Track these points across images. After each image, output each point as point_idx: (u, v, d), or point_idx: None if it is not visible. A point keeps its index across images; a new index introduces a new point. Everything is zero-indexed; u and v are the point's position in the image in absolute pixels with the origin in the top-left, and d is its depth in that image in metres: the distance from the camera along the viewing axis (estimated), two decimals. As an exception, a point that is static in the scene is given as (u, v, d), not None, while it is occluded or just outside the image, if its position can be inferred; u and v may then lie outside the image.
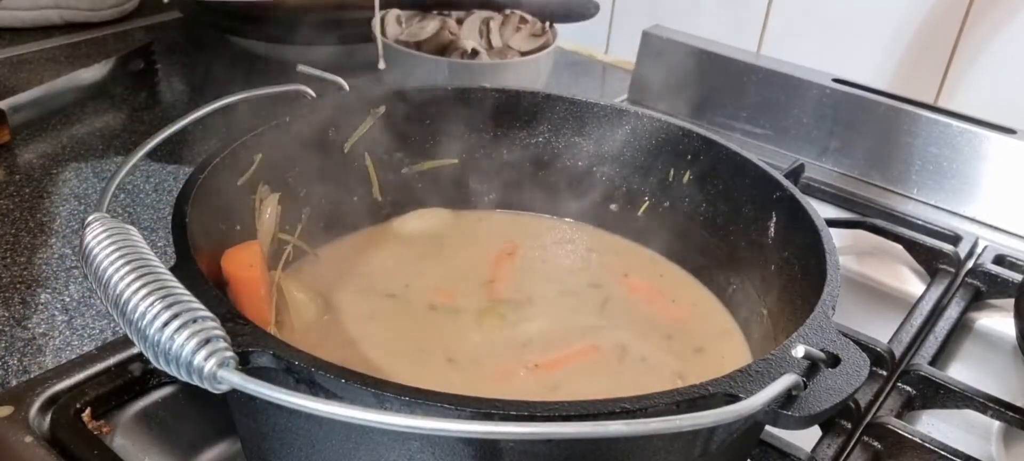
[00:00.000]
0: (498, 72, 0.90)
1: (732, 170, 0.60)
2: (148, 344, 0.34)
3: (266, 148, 0.55)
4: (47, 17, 1.08)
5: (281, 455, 0.43)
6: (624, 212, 0.66)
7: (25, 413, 0.49)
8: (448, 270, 0.62)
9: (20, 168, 0.78)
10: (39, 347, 0.57)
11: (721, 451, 0.41)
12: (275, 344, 0.37)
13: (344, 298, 0.57)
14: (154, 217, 0.72)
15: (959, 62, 0.91)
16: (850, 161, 0.90)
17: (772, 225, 0.57)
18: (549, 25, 0.97)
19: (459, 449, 0.37)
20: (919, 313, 0.67)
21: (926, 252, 0.75)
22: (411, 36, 0.92)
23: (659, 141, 0.64)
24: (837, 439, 0.54)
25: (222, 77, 1.03)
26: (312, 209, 0.60)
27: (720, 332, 0.58)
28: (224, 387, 0.34)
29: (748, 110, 0.95)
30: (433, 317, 0.57)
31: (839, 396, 0.37)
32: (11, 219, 0.70)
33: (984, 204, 0.83)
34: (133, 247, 0.38)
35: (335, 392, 0.36)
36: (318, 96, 0.60)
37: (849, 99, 0.89)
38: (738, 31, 1.02)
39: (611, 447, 0.38)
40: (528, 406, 0.34)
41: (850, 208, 0.84)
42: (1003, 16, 0.87)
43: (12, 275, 0.63)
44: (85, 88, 0.91)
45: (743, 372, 0.38)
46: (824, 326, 0.41)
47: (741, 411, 0.35)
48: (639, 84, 1.03)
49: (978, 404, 0.58)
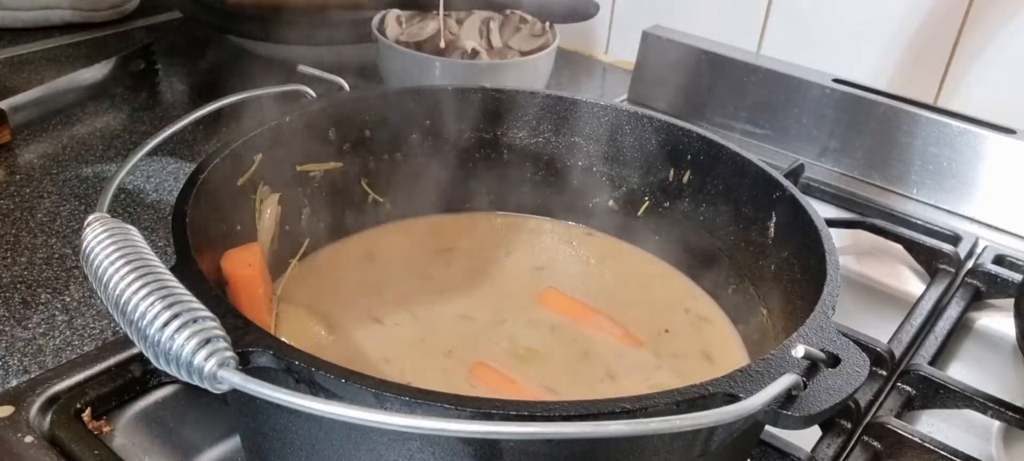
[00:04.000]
0: (498, 72, 0.90)
1: (732, 170, 0.60)
2: (148, 344, 0.34)
3: (266, 148, 0.55)
4: (47, 17, 1.08)
5: (281, 455, 0.43)
6: (624, 212, 0.66)
7: (25, 413, 0.50)
8: (453, 275, 0.62)
9: (20, 168, 0.78)
10: (39, 347, 0.57)
11: (721, 451, 0.41)
12: (275, 344, 0.37)
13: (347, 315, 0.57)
14: (154, 217, 0.72)
15: (959, 62, 0.91)
16: (850, 161, 0.90)
17: (772, 225, 0.57)
18: (549, 25, 0.97)
19: (459, 449, 0.37)
20: (919, 313, 0.67)
21: (926, 252, 0.75)
22: (411, 36, 0.92)
23: (659, 141, 0.64)
24: (837, 439, 0.54)
25: (222, 77, 1.03)
26: (311, 210, 0.61)
27: (720, 332, 0.58)
28: (224, 387, 0.34)
29: (748, 110, 0.95)
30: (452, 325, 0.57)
31: (839, 396, 0.37)
32: (11, 219, 0.70)
33: (984, 204, 0.83)
34: (133, 247, 0.38)
35: (335, 392, 0.36)
36: (318, 96, 0.60)
37: (849, 99, 0.89)
38: (738, 31, 1.02)
39: (611, 447, 0.38)
40: (528, 406, 0.34)
41: (850, 208, 0.84)
42: (1003, 16, 0.87)
43: (12, 275, 0.63)
44: (85, 88, 0.91)
45: (743, 372, 0.38)
46: (824, 326, 0.41)
47: (741, 411, 0.35)
48: (639, 84, 1.03)
49: (978, 404, 0.58)
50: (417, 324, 0.56)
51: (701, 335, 0.58)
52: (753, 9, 1.02)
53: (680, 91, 0.99)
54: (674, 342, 0.57)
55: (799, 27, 0.99)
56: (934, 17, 0.91)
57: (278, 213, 0.57)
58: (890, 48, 0.94)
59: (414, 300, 0.58)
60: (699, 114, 0.98)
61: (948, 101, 0.92)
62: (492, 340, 0.55)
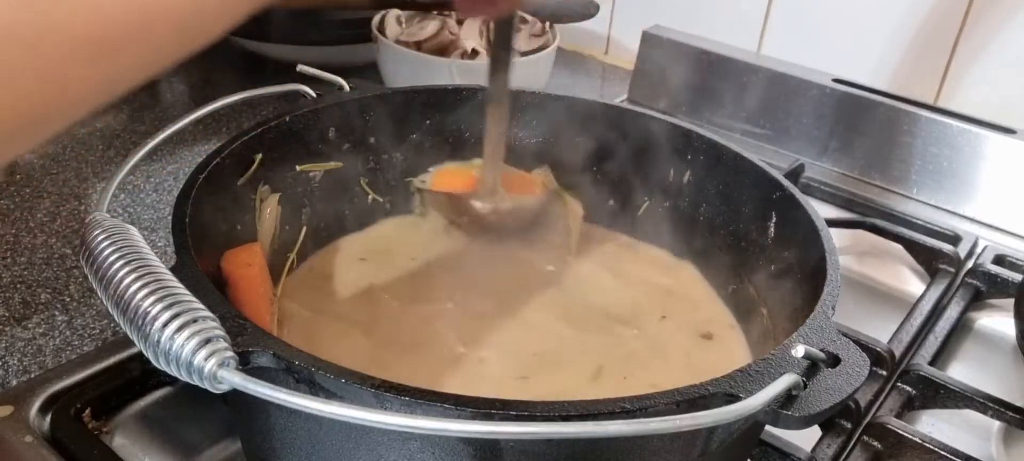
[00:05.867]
0: (498, 72, 0.90)
1: (732, 170, 0.60)
2: (148, 344, 0.34)
3: (266, 148, 0.55)
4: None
5: (281, 455, 0.43)
6: (624, 212, 0.66)
7: (25, 413, 0.49)
8: (453, 274, 0.62)
9: (20, 168, 0.78)
10: (39, 347, 0.57)
11: (721, 451, 0.41)
12: (275, 344, 0.37)
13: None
14: (154, 217, 0.72)
15: (959, 62, 0.91)
16: (850, 161, 0.90)
17: (772, 225, 0.57)
18: (549, 25, 0.97)
19: (459, 449, 0.37)
20: (919, 313, 0.67)
21: (926, 252, 0.75)
22: (411, 36, 0.92)
23: (659, 141, 0.64)
24: (837, 439, 0.54)
25: (222, 77, 1.03)
26: (312, 210, 0.61)
27: (720, 332, 0.58)
28: (224, 387, 0.34)
29: (748, 110, 0.95)
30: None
31: (839, 396, 0.37)
32: (11, 219, 0.70)
33: (984, 204, 0.83)
34: (133, 247, 0.38)
35: (335, 392, 0.36)
36: (318, 96, 0.60)
37: (849, 99, 0.89)
38: (738, 31, 1.02)
39: (611, 447, 0.38)
40: (528, 406, 0.34)
41: (850, 208, 0.84)
42: (1003, 16, 0.87)
43: (12, 275, 0.63)
44: (85, 88, 0.91)
45: (743, 372, 0.38)
46: (824, 326, 0.41)
47: (741, 411, 0.35)
48: (639, 84, 1.03)
49: (978, 404, 0.58)
50: (418, 323, 0.56)
51: (701, 335, 0.58)
52: (753, 9, 1.02)
53: (680, 91, 0.99)
54: (673, 342, 0.57)
55: (799, 27, 0.99)
56: (934, 17, 0.91)
57: (278, 213, 0.57)
58: (890, 48, 0.94)
59: (414, 300, 0.58)
60: (699, 114, 0.98)
61: (948, 101, 0.92)
62: (496, 338, 0.55)
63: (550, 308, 0.59)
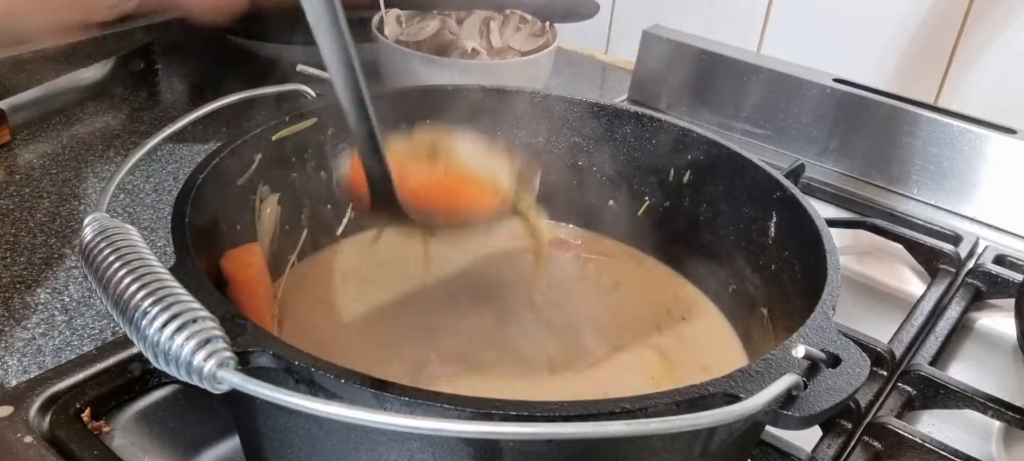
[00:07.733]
0: (498, 72, 0.90)
1: (732, 170, 0.60)
2: (148, 344, 0.34)
3: (266, 148, 0.55)
4: (47, 17, 1.08)
5: (281, 455, 0.43)
6: (623, 212, 0.66)
7: (25, 413, 0.49)
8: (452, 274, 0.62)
9: (20, 168, 0.78)
10: (39, 347, 0.57)
11: (721, 451, 0.41)
12: (275, 344, 0.37)
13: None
14: (154, 217, 0.72)
15: (959, 62, 0.91)
16: (850, 161, 0.90)
17: (772, 225, 0.57)
18: (549, 25, 0.97)
19: (459, 449, 0.37)
20: (919, 313, 0.66)
21: (926, 252, 0.74)
22: (411, 36, 0.92)
23: (659, 141, 0.64)
24: (837, 439, 0.54)
25: (222, 77, 1.03)
26: (311, 210, 0.61)
27: (720, 332, 0.58)
28: (224, 387, 0.34)
29: (748, 110, 0.95)
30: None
31: (839, 396, 0.37)
32: (11, 219, 0.70)
33: (984, 204, 0.83)
34: (133, 247, 0.38)
35: (335, 392, 0.36)
36: (318, 95, 0.60)
37: (849, 99, 0.89)
38: (738, 31, 1.02)
39: (611, 447, 0.38)
40: (528, 406, 0.34)
41: (850, 208, 0.84)
42: (1003, 16, 0.87)
43: (12, 275, 0.63)
44: (85, 88, 0.91)
45: (743, 372, 0.38)
46: (824, 326, 0.41)
47: (741, 411, 0.34)
48: (639, 84, 1.03)
49: (978, 404, 0.58)
50: (416, 322, 0.56)
51: (701, 335, 0.58)
52: (753, 9, 1.02)
53: (680, 91, 0.99)
54: (673, 341, 0.57)
55: (799, 27, 1.00)
56: (934, 17, 0.91)
57: (278, 213, 0.57)
58: (890, 48, 0.94)
59: (414, 298, 0.58)
60: (699, 114, 0.98)
61: (948, 101, 0.92)
62: (496, 337, 0.55)
63: (545, 309, 0.59)
